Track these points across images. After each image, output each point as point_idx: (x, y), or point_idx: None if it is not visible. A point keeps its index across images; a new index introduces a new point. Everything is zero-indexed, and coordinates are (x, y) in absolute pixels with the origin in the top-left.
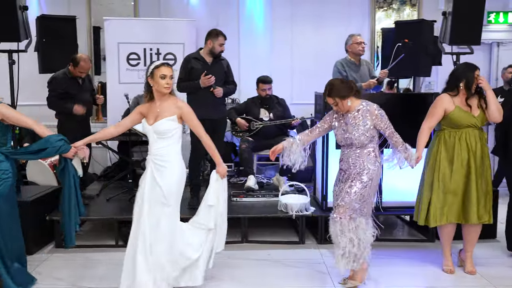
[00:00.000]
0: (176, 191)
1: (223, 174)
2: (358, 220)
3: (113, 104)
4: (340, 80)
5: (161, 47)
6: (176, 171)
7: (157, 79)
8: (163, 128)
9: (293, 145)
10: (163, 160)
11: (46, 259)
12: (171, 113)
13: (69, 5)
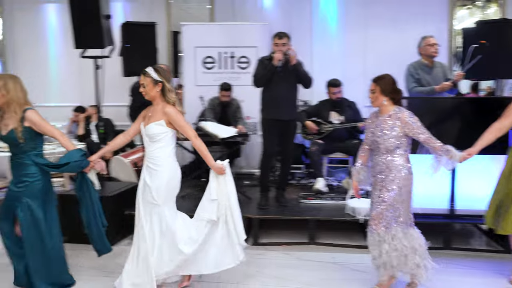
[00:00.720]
0: (165, 192)
1: (217, 171)
2: (394, 229)
3: (190, 105)
4: (394, 80)
5: (235, 51)
6: (165, 173)
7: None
8: (152, 132)
9: (360, 173)
10: (154, 163)
11: (125, 250)
12: (159, 118)
13: (150, 12)
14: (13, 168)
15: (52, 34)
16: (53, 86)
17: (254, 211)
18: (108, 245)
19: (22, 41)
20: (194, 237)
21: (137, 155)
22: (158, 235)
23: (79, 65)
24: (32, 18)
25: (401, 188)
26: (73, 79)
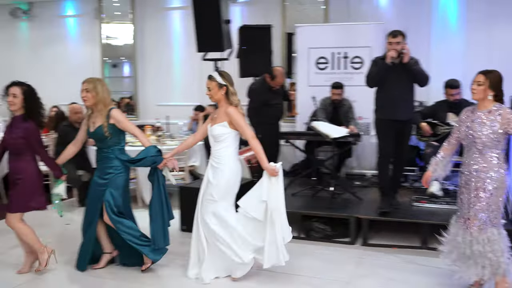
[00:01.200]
0: (224, 189)
1: (270, 173)
2: (489, 231)
3: (302, 105)
4: (502, 77)
5: (349, 51)
6: (226, 171)
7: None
8: (216, 132)
9: (439, 165)
10: (217, 161)
11: None
12: (222, 119)
13: (266, 15)
14: (98, 161)
15: (176, 38)
16: (176, 86)
17: (364, 212)
18: (167, 239)
19: (150, 45)
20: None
21: (251, 153)
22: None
23: (200, 67)
24: (159, 24)
25: (497, 189)
26: (194, 80)
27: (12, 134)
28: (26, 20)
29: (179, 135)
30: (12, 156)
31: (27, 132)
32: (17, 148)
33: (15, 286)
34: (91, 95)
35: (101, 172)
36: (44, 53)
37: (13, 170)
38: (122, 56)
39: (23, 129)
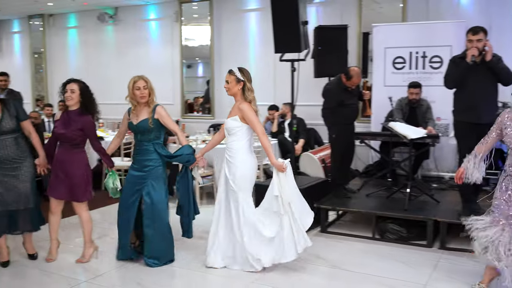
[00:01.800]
0: (240, 180)
1: (278, 168)
2: None
3: (377, 105)
4: None
5: (427, 50)
6: (238, 163)
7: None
8: (228, 126)
9: (469, 163)
10: (230, 154)
11: (312, 240)
12: (235, 113)
13: (342, 15)
14: (137, 154)
15: (252, 39)
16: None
17: (442, 215)
18: (191, 232)
19: (227, 46)
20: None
21: (325, 152)
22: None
23: (274, 68)
24: (236, 26)
25: None
26: (269, 80)
27: (71, 127)
28: (112, 24)
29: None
30: (67, 148)
31: (86, 125)
32: (75, 140)
33: (96, 276)
34: (147, 92)
35: (139, 165)
36: (127, 55)
37: (69, 161)
38: (199, 57)
39: (81, 122)
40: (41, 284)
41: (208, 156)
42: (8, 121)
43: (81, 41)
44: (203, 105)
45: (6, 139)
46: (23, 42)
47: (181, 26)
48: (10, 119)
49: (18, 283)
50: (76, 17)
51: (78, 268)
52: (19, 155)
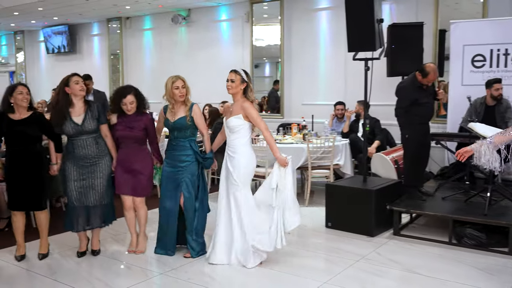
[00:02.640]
0: (242, 175)
1: (281, 163)
2: None
3: (455, 104)
4: None
5: (510, 48)
6: (242, 159)
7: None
8: (232, 124)
9: (482, 147)
10: (233, 150)
11: (385, 243)
12: (238, 112)
13: (417, 12)
14: (172, 150)
15: (322, 38)
16: (320, 85)
17: None
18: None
19: (297, 45)
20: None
21: (398, 153)
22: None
23: (345, 67)
24: (306, 25)
25: None
26: (339, 79)
27: (135, 128)
28: (185, 25)
29: (324, 134)
30: (134, 147)
31: (148, 123)
32: (141, 139)
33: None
34: (185, 91)
35: (175, 160)
36: (198, 55)
37: (137, 159)
38: (267, 57)
39: (143, 121)
40: (120, 274)
41: None
42: (90, 122)
43: (155, 42)
44: (269, 105)
45: (87, 139)
46: (102, 44)
47: (252, 26)
48: (92, 120)
49: (99, 272)
50: (151, 19)
51: (154, 261)
52: (98, 154)
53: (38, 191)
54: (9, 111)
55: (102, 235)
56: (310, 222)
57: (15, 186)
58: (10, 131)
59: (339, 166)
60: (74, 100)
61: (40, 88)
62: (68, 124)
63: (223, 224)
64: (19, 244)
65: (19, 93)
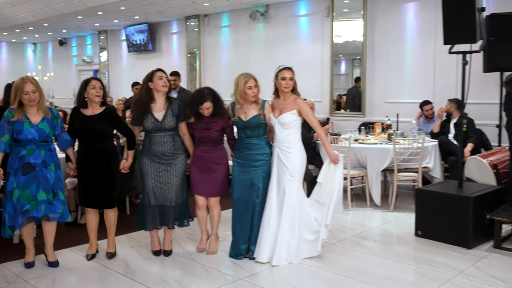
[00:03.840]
0: (299, 171)
1: (332, 160)
2: None
3: None
4: None
5: None
6: (298, 154)
7: (279, 80)
8: (286, 120)
9: None
10: (288, 146)
11: (484, 256)
12: (291, 108)
13: None
14: (247, 149)
15: (409, 32)
16: (406, 83)
17: None
18: None
19: (380, 40)
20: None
21: (496, 156)
22: (297, 206)
23: (434, 62)
24: (391, 19)
25: None
26: (427, 75)
27: (212, 128)
28: (262, 21)
29: (411, 134)
30: (210, 146)
31: (226, 124)
32: (218, 139)
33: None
34: (257, 90)
35: (249, 160)
36: (276, 51)
37: (214, 158)
38: (346, 54)
39: (221, 123)
40: (198, 277)
41: (360, 155)
42: (170, 119)
43: (232, 40)
44: (348, 103)
45: (164, 136)
46: (180, 42)
47: (332, 21)
48: (172, 118)
49: (176, 273)
50: (228, 16)
51: (230, 264)
52: (174, 152)
53: (109, 189)
54: (83, 106)
55: (179, 234)
56: (396, 229)
57: (86, 183)
58: (82, 127)
59: (428, 169)
60: (156, 95)
61: (121, 86)
62: (149, 119)
63: (273, 221)
64: (92, 242)
65: (92, 87)
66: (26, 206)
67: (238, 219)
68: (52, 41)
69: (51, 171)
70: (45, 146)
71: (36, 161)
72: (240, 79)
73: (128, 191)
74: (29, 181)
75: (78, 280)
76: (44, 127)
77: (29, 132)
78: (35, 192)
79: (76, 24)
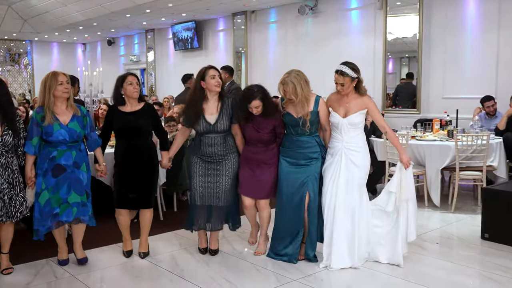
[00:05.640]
0: (367, 171)
1: (405, 163)
2: None
3: None
4: None
5: None
6: (367, 155)
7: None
8: (356, 120)
9: None
10: (358, 145)
11: None
12: (360, 108)
13: None
14: (298, 147)
15: (469, 26)
16: (465, 77)
17: None
18: None
19: (436, 34)
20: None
21: None
22: (366, 212)
23: (497, 55)
24: (449, 11)
25: None
26: (489, 70)
27: (263, 130)
28: (311, 16)
29: (473, 131)
30: (261, 147)
31: (277, 123)
32: (267, 140)
33: None
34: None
35: (299, 159)
36: (325, 47)
37: (260, 159)
38: (394, 52)
39: (272, 122)
40: (249, 277)
41: (418, 152)
42: (223, 122)
43: (279, 36)
44: (400, 100)
45: (216, 137)
46: (227, 39)
47: (386, 15)
48: (225, 120)
49: (226, 272)
50: (276, 12)
51: (283, 264)
52: (225, 152)
53: (149, 187)
54: (120, 104)
55: (228, 232)
56: (459, 231)
57: (127, 181)
58: (122, 124)
59: (492, 167)
60: (209, 95)
61: (168, 84)
62: (201, 122)
63: (344, 228)
64: (126, 239)
65: (129, 83)
66: (56, 209)
67: (285, 219)
68: (101, 41)
69: (83, 172)
70: (75, 146)
71: (67, 162)
72: (279, 83)
73: (175, 188)
74: (60, 183)
75: (125, 276)
76: (75, 127)
77: (60, 134)
78: (66, 195)
79: (124, 23)
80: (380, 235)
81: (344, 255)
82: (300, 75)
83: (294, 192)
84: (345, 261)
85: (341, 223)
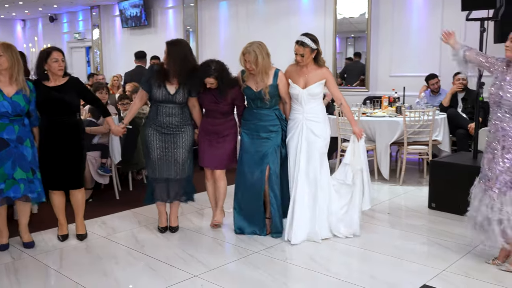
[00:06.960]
0: (327, 142)
1: (358, 134)
2: (508, 195)
3: None
4: None
5: None
6: (327, 125)
7: None
8: (314, 91)
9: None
10: (318, 116)
11: None
12: (319, 79)
13: None
14: (259, 120)
15: (415, 2)
16: (411, 56)
17: None
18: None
19: (386, 12)
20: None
21: None
22: (327, 184)
23: (441, 32)
24: None
25: None
26: (432, 48)
27: (222, 101)
28: None
29: (419, 107)
30: (219, 118)
31: (236, 95)
32: (226, 111)
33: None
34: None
35: (259, 131)
36: (276, 25)
37: (218, 130)
38: (344, 31)
39: (231, 95)
40: (212, 251)
41: (369, 128)
42: (181, 95)
43: (231, 14)
44: (348, 78)
45: (174, 107)
46: (176, 16)
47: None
48: (183, 93)
49: (190, 248)
50: None
51: (245, 238)
52: (181, 123)
53: (77, 167)
54: (43, 79)
55: (186, 209)
56: (407, 202)
57: (51, 161)
58: (46, 99)
59: (438, 142)
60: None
61: (115, 63)
62: (161, 91)
63: (305, 198)
64: (61, 223)
65: (54, 60)
66: (1, 185)
67: (246, 192)
68: (42, 17)
69: (28, 147)
70: (18, 120)
71: (10, 136)
72: (240, 56)
73: (131, 166)
74: (3, 158)
75: (86, 255)
76: (19, 100)
77: (2, 105)
78: (12, 170)
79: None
80: (339, 208)
81: (306, 225)
82: (262, 46)
83: (255, 165)
84: (306, 231)
85: (302, 191)
